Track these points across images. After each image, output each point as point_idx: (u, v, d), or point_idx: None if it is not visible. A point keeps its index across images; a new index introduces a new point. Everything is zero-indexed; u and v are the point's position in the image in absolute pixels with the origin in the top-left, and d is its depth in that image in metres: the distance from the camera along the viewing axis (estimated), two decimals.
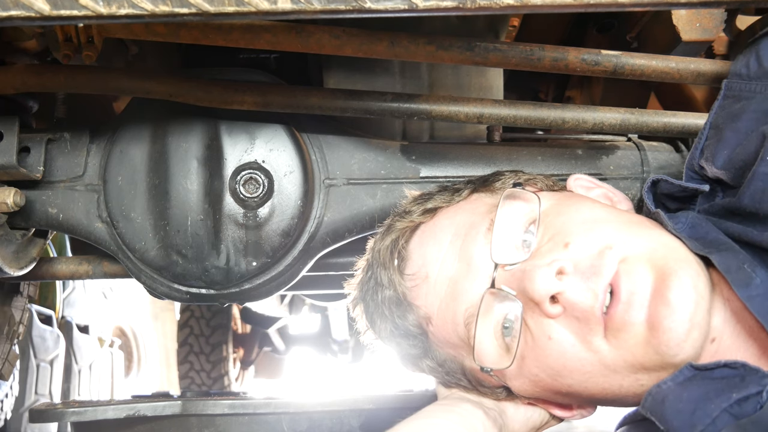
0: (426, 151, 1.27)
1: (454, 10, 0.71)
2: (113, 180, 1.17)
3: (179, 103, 1.13)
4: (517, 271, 0.80)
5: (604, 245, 0.77)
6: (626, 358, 0.75)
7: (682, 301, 0.72)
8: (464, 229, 0.87)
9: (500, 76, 1.42)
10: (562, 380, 0.80)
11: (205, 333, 4.33)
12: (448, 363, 0.92)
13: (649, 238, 0.79)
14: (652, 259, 0.75)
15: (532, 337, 0.80)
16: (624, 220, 0.83)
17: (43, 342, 3.05)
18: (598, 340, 0.75)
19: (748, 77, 0.87)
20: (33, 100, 1.23)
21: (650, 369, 0.75)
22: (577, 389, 0.81)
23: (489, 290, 0.81)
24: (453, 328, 0.86)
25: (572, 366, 0.78)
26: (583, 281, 0.76)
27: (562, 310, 0.77)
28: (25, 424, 2.84)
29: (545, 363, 0.80)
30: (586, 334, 0.76)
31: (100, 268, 1.48)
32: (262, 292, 1.26)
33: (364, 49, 1.06)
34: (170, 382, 4.96)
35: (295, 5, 0.70)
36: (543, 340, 0.78)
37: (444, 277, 0.86)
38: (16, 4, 0.69)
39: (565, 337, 0.77)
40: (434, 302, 0.87)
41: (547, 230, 0.82)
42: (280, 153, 1.18)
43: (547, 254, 0.79)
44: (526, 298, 0.78)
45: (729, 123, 0.86)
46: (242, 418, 1.41)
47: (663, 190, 0.90)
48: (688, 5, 0.77)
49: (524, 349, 0.81)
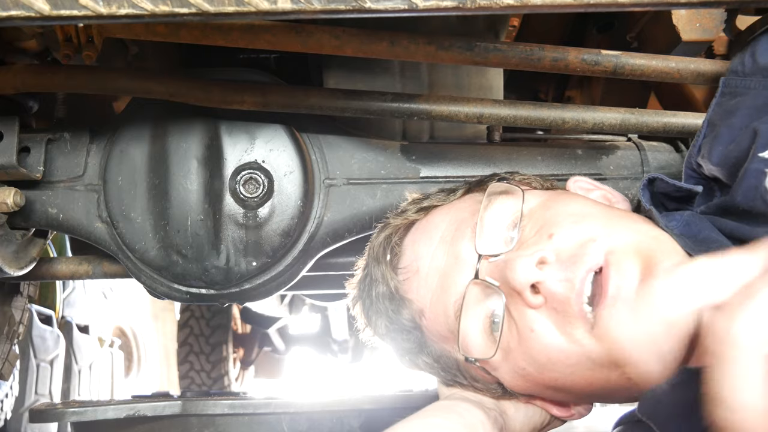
0: (426, 151, 1.27)
1: (454, 10, 0.71)
2: (113, 180, 1.17)
3: (179, 103, 1.13)
4: (500, 262, 0.81)
5: (587, 237, 0.77)
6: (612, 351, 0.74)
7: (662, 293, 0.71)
8: (455, 225, 0.88)
9: (500, 76, 1.42)
10: (548, 373, 0.80)
11: (205, 333, 4.33)
12: (443, 358, 0.92)
13: (636, 230, 0.79)
14: (638, 250, 0.75)
15: (517, 329, 0.80)
16: (613, 215, 0.83)
17: (43, 342, 3.05)
18: (580, 333, 0.75)
19: (744, 74, 0.88)
20: (33, 100, 1.23)
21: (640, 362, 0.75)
22: (564, 383, 0.80)
23: (473, 281, 0.82)
24: (444, 321, 0.86)
25: (556, 358, 0.77)
26: (561, 271, 0.76)
27: (544, 300, 0.76)
28: (25, 424, 2.84)
29: (530, 355, 0.79)
30: (566, 325, 0.75)
31: (100, 268, 1.48)
32: (262, 292, 1.26)
33: (364, 49, 1.06)
34: (170, 382, 4.97)
35: (295, 5, 0.70)
36: (526, 332, 0.78)
37: (434, 270, 0.87)
38: (16, 4, 0.69)
39: (547, 328, 0.77)
40: (426, 295, 0.88)
41: (534, 224, 0.83)
42: (280, 153, 1.18)
43: (531, 246, 0.79)
44: (509, 289, 0.78)
45: (724, 119, 0.86)
46: (242, 418, 1.41)
47: (660, 189, 0.90)
48: (688, 5, 0.77)
49: (510, 342, 0.81)
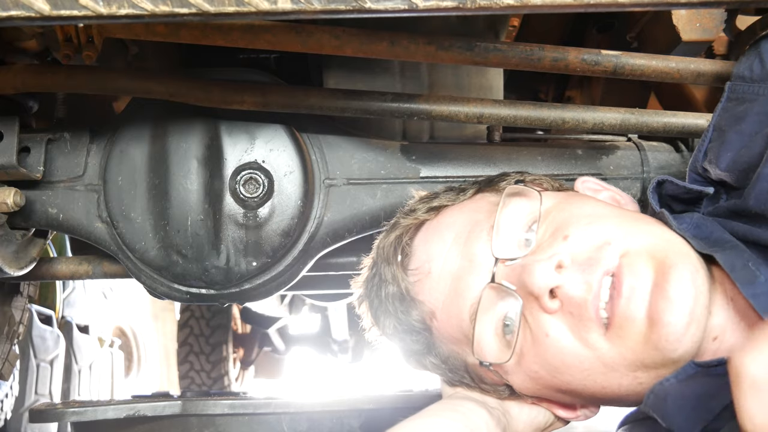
0: (426, 151, 1.27)
1: (454, 10, 0.71)
2: (113, 180, 1.17)
3: (179, 103, 1.13)
4: (518, 266, 0.80)
5: (603, 240, 0.77)
6: (625, 355, 0.75)
7: (682, 296, 0.72)
8: (468, 226, 0.87)
9: (500, 76, 1.42)
10: (561, 377, 0.80)
11: (205, 333, 4.32)
12: (451, 360, 0.92)
13: (650, 233, 0.79)
14: (652, 253, 0.75)
15: (531, 334, 0.80)
16: (627, 216, 0.83)
17: (43, 342, 3.05)
18: (595, 337, 0.75)
19: (752, 80, 0.87)
20: (33, 100, 1.23)
21: (649, 366, 0.75)
22: (576, 387, 0.80)
23: (489, 285, 0.82)
24: (458, 324, 0.86)
25: (570, 363, 0.78)
26: (578, 273, 0.76)
27: (560, 305, 0.77)
28: (25, 424, 2.84)
29: (544, 359, 0.80)
30: (581, 329, 0.76)
31: (100, 268, 1.48)
32: (262, 292, 1.26)
33: (364, 49, 1.06)
34: (170, 382, 4.96)
35: (295, 5, 0.70)
36: (541, 336, 0.78)
37: (447, 273, 0.86)
38: (16, 4, 0.69)
39: (563, 333, 0.77)
40: (438, 298, 0.87)
41: (549, 226, 0.83)
42: (280, 153, 1.18)
43: (547, 249, 0.79)
44: (526, 293, 0.78)
45: (733, 125, 0.86)
46: (242, 418, 1.42)
47: (668, 192, 0.90)
48: (688, 5, 0.77)
49: (524, 346, 0.81)
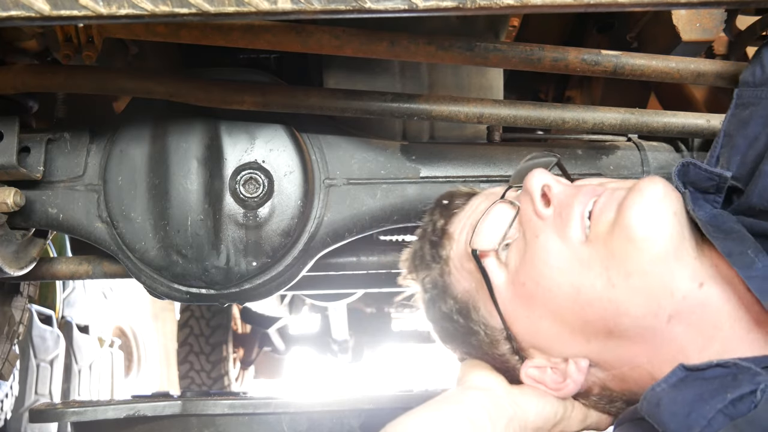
0: (426, 151, 1.27)
1: (454, 10, 0.71)
2: (113, 180, 1.17)
3: (179, 103, 1.13)
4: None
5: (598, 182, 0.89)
6: (598, 248, 0.80)
7: (651, 192, 0.79)
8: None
9: (500, 76, 1.42)
10: (544, 284, 0.84)
11: (205, 333, 4.32)
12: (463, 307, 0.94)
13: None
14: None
15: (524, 241, 0.86)
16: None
17: (43, 342, 3.05)
18: (574, 232, 0.82)
19: (755, 84, 0.91)
20: (33, 100, 1.23)
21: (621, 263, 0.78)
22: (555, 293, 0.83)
23: (499, 201, 0.92)
24: (466, 240, 0.92)
25: (551, 262, 0.83)
26: (571, 187, 0.86)
27: (552, 213, 0.84)
28: (25, 424, 2.84)
29: (531, 264, 0.85)
30: (565, 227, 0.82)
31: (100, 268, 1.48)
32: (262, 292, 1.26)
33: (364, 49, 1.06)
34: (170, 382, 4.96)
35: (295, 5, 0.70)
36: (532, 239, 0.85)
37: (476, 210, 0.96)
38: (16, 4, 0.69)
39: (550, 236, 0.84)
40: (461, 221, 0.96)
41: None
42: (280, 153, 1.18)
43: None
44: (526, 198, 0.87)
45: (740, 130, 0.89)
46: (242, 418, 1.41)
47: (691, 178, 0.92)
48: (688, 5, 0.77)
49: (516, 261, 0.87)
